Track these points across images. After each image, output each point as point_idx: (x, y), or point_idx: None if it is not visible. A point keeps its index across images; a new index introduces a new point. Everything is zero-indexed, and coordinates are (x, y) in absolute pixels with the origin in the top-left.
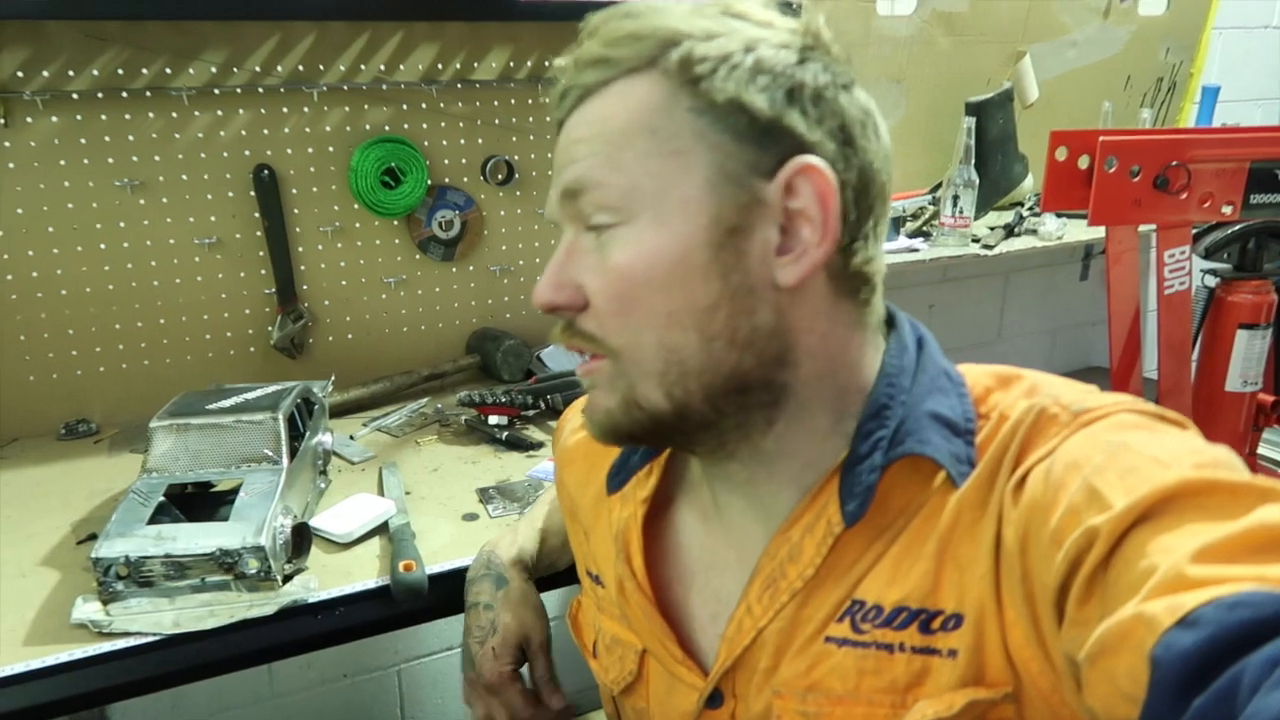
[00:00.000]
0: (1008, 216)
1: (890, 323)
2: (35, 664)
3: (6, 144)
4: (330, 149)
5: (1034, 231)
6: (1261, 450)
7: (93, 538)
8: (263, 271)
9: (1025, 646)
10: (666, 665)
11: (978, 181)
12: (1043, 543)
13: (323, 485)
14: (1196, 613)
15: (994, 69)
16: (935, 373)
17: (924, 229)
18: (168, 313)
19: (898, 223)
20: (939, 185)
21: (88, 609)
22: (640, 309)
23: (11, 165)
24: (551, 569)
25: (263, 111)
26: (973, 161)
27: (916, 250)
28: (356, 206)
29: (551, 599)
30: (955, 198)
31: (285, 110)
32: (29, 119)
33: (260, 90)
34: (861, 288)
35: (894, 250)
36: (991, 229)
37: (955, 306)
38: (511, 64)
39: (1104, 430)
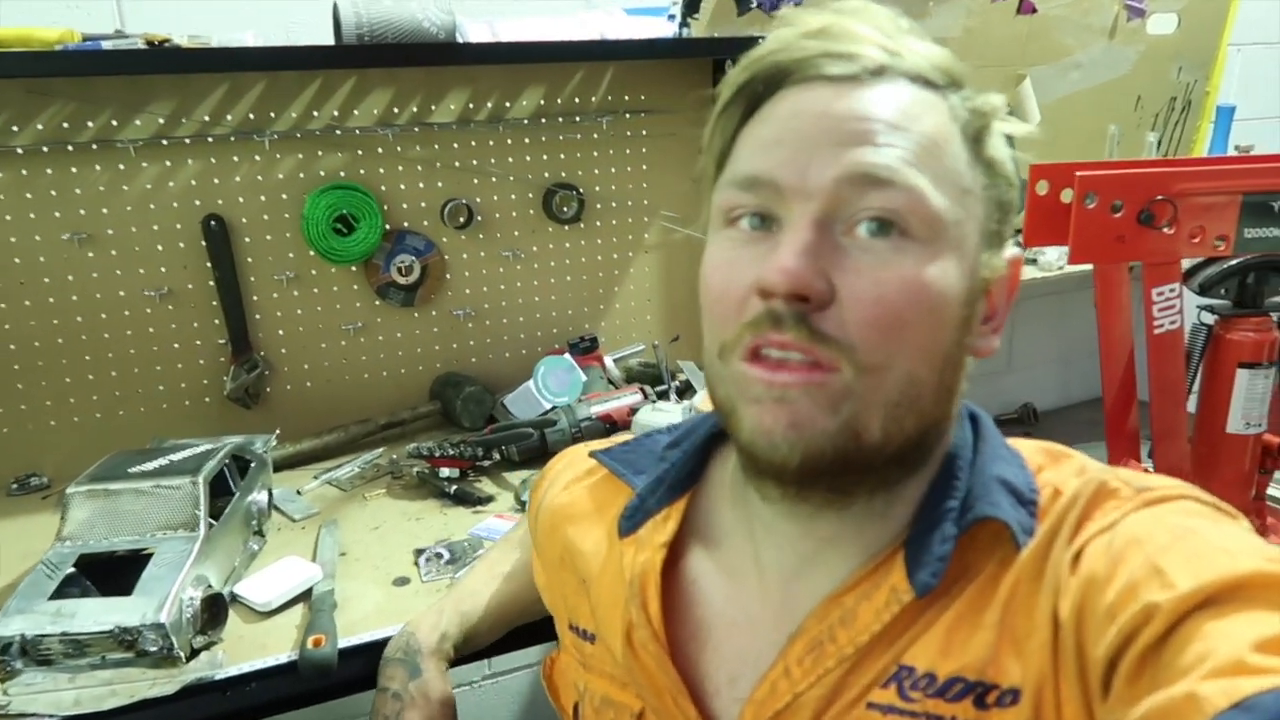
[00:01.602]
0: None
1: None
2: None
3: None
4: (284, 196)
5: (1034, 261)
6: (1272, 491)
7: None
8: (216, 321)
9: None
10: None
11: None
12: (1099, 614)
13: (255, 546)
14: (1254, 700)
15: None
16: (997, 444)
17: None
18: (119, 365)
19: None
20: None
21: None
22: (909, 333)
23: None
24: (474, 650)
25: (213, 161)
26: None
27: None
28: (311, 254)
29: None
30: None
31: (236, 159)
32: None
33: (209, 140)
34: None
35: None
36: None
37: None
38: (470, 106)
39: (1169, 512)
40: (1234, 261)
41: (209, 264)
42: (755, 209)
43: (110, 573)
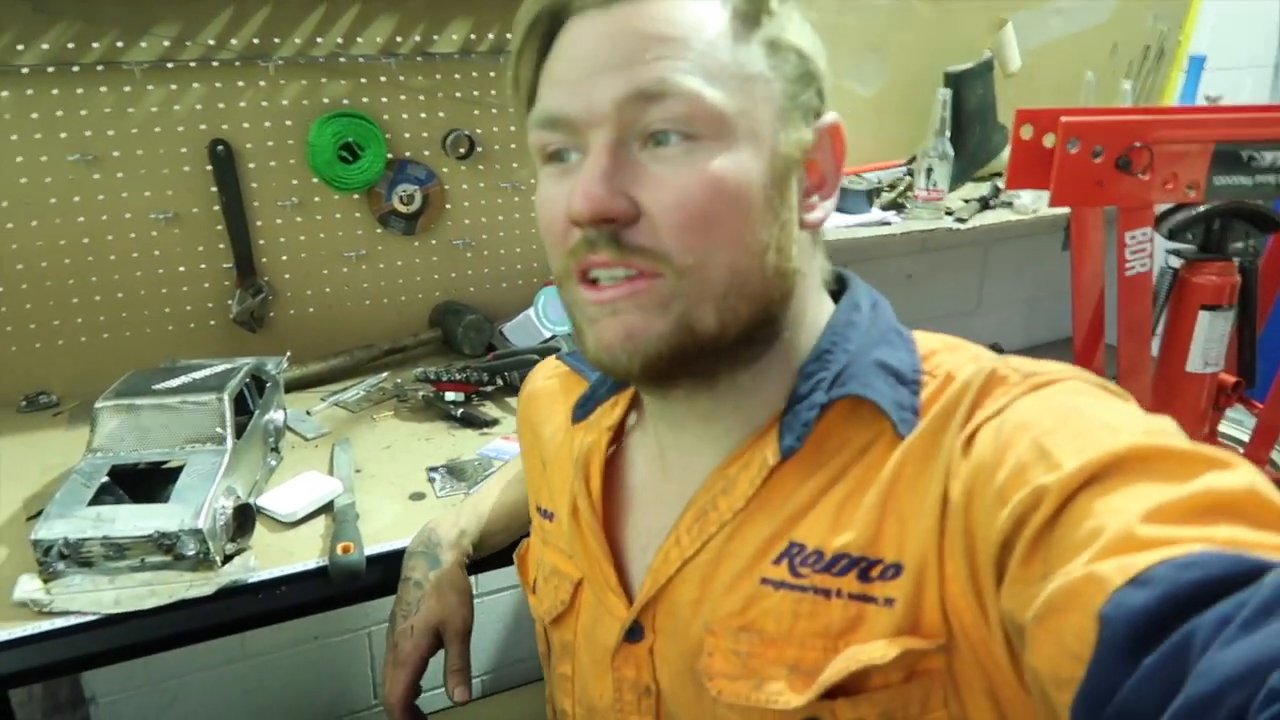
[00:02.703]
0: (984, 189)
1: (843, 285)
2: None
3: None
4: (288, 123)
5: (1009, 204)
6: (1222, 428)
7: (40, 515)
8: (221, 246)
9: (961, 598)
10: (599, 593)
11: (953, 154)
12: (988, 498)
13: (273, 463)
14: (1148, 572)
15: (976, 37)
16: (885, 328)
17: (898, 201)
18: (126, 287)
19: (870, 195)
20: (915, 157)
21: (30, 587)
22: (719, 229)
23: None
24: (492, 550)
25: (218, 85)
26: (948, 134)
27: (889, 224)
28: (315, 181)
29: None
30: (929, 170)
31: (241, 84)
32: None
33: (215, 64)
34: (819, 242)
35: (866, 223)
36: (966, 201)
37: (933, 277)
38: (472, 36)
39: (1055, 394)
40: (1202, 208)
41: (214, 188)
42: (561, 143)
43: (138, 483)
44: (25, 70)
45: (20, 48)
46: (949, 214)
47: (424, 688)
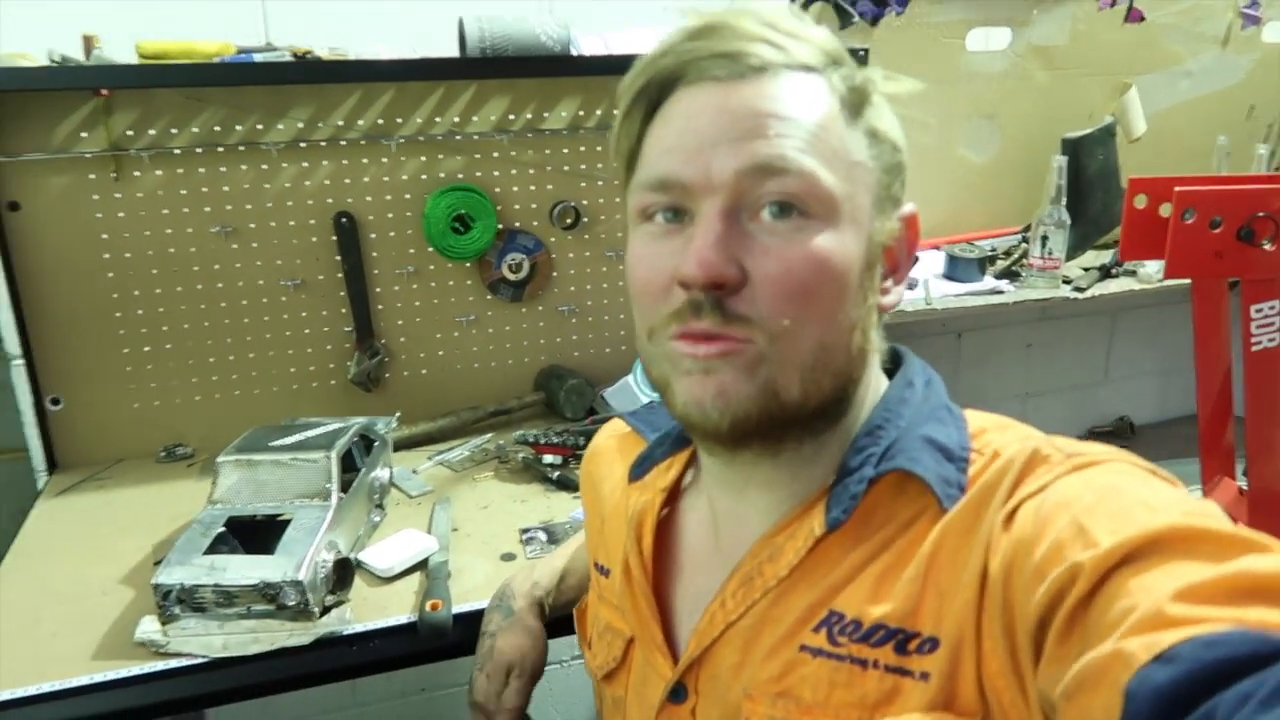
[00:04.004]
0: (1105, 257)
1: (896, 362)
2: (98, 677)
3: (117, 195)
4: (406, 196)
5: (1133, 273)
6: None
7: (162, 561)
8: (343, 310)
9: (1000, 677)
10: (647, 652)
11: (1069, 222)
12: (1026, 574)
13: (377, 519)
14: (1174, 650)
15: (1097, 102)
16: (936, 404)
17: (1013, 269)
18: (256, 347)
19: (983, 263)
20: (1030, 225)
21: (149, 628)
22: (816, 303)
23: (121, 214)
24: (567, 608)
25: (344, 162)
26: (1063, 201)
27: (1001, 292)
28: (430, 250)
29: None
30: (1044, 238)
31: (365, 161)
32: (137, 173)
33: (342, 143)
34: (882, 323)
35: (978, 291)
36: (1086, 270)
37: (1056, 346)
38: (581, 113)
39: (1097, 474)
40: None
41: (338, 257)
42: (667, 205)
43: (252, 534)
44: (177, 151)
45: (174, 131)
46: (1067, 282)
47: None
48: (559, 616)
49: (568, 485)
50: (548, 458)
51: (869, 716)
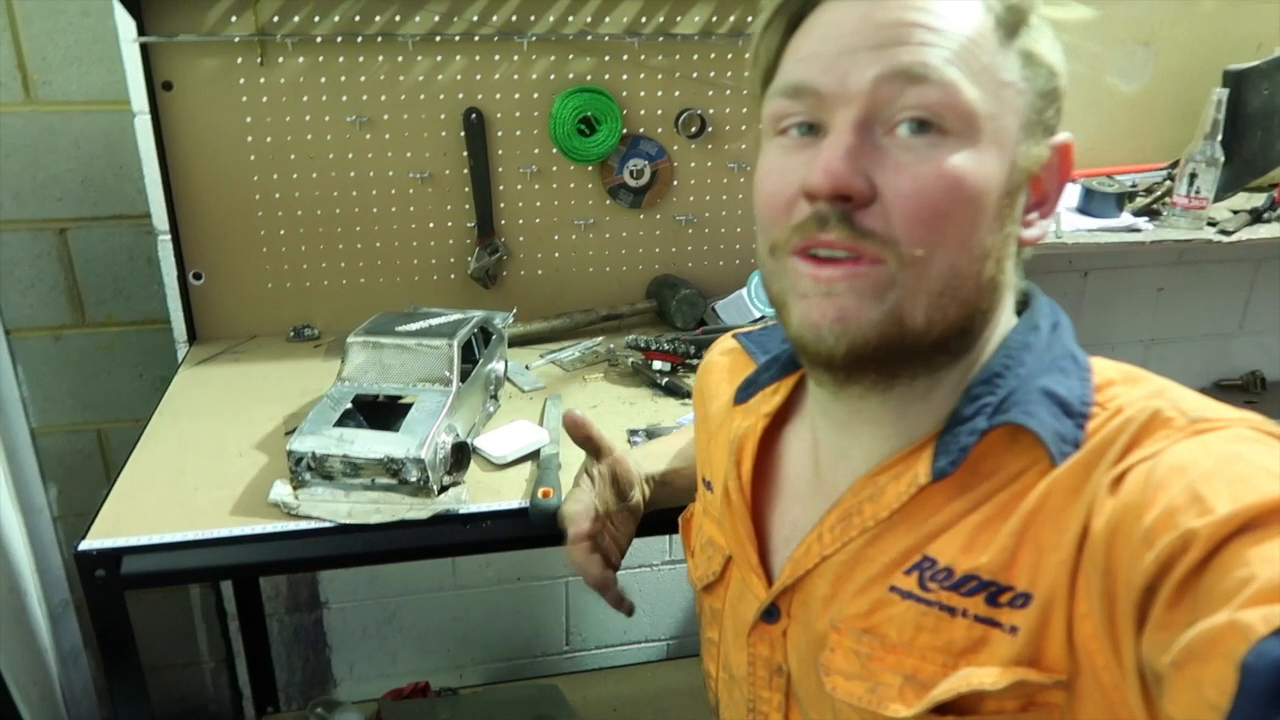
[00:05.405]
0: (1259, 200)
1: (1026, 301)
2: (236, 531)
3: (262, 80)
4: (535, 96)
5: None
6: None
7: (295, 431)
8: (466, 206)
9: (1093, 639)
10: (743, 571)
11: (1223, 159)
12: (1134, 540)
13: (491, 409)
14: None
15: (1268, 33)
16: (1060, 353)
17: (1153, 207)
18: (383, 237)
19: (1121, 198)
20: (1177, 162)
21: (282, 491)
22: (951, 225)
23: (264, 99)
24: (674, 491)
25: (476, 58)
26: (1219, 137)
27: (1138, 230)
28: (554, 151)
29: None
30: (1192, 175)
31: (496, 58)
32: (280, 59)
33: (475, 39)
34: (1022, 259)
35: (1113, 228)
36: (1235, 212)
37: (1190, 293)
38: (714, 19)
39: (1218, 440)
40: None
41: (465, 153)
42: (801, 116)
43: (376, 412)
44: (319, 39)
45: (317, 19)
46: (1212, 225)
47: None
48: (652, 512)
49: (675, 392)
50: (657, 364)
51: (954, 662)
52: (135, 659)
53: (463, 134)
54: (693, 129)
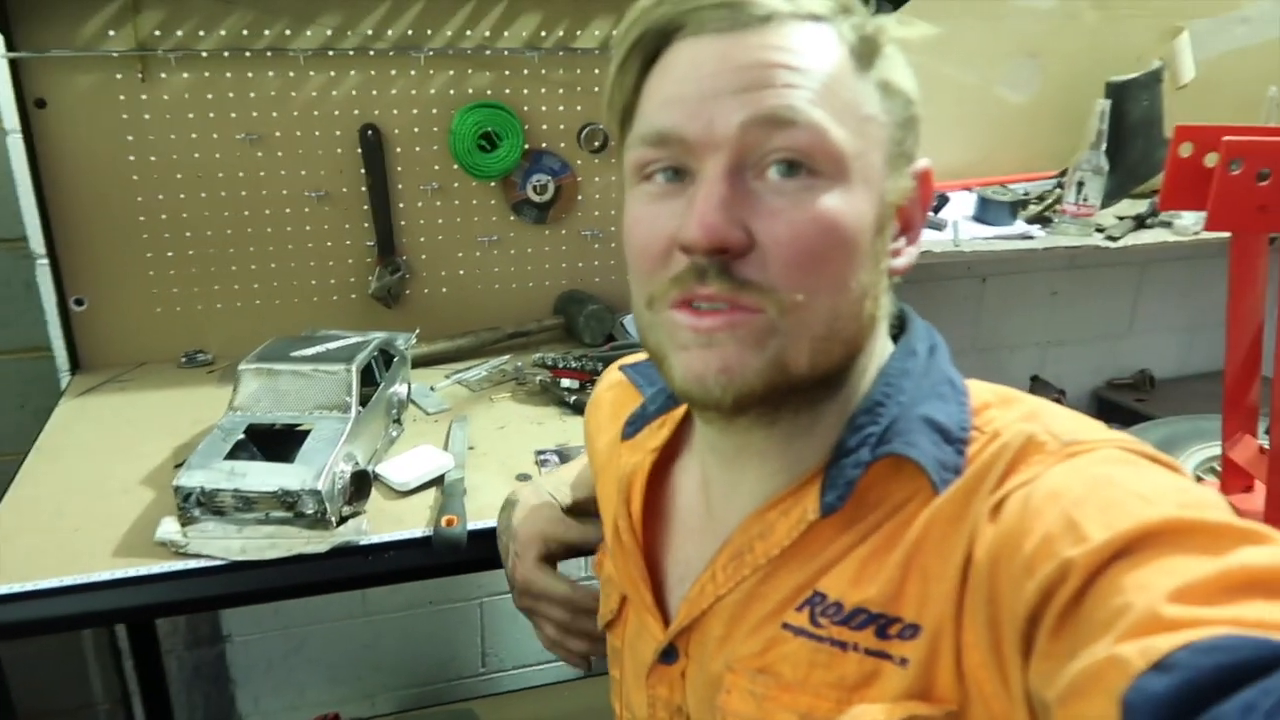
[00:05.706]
0: (1141, 206)
1: (901, 323)
2: (119, 574)
3: (143, 97)
4: (433, 111)
5: (1169, 225)
6: None
7: (183, 464)
8: (365, 224)
9: (982, 669)
10: (638, 611)
11: (1108, 168)
12: (1015, 569)
13: (394, 433)
14: (1171, 657)
15: (1146, 45)
16: (939, 378)
17: (1045, 215)
18: (278, 258)
19: (1014, 206)
20: (1066, 170)
21: (170, 529)
22: (829, 269)
23: (147, 116)
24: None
25: (372, 73)
26: (1104, 147)
27: (1032, 237)
28: (455, 167)
29: None
30: (1080, 184)
31: (393, 73)
32: (163, 75)
33: (371, 53)
34: (892, 285)
35: (1007, 236)
36: (1120, 219)
37: (1082, 296)
38: (614, 32)
39: (1089, 463)
40: None
41: (363, 170)
42: (667, 162)
43: (271, 442)
44: (204, 54)
45: (201, 33)
46: (1100, 231)
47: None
48: None
49: (584, 410)
50: (565, 381)
51: (847, 698)
52: (10, 712)
53: (359, 151)
54: (596, 143)
